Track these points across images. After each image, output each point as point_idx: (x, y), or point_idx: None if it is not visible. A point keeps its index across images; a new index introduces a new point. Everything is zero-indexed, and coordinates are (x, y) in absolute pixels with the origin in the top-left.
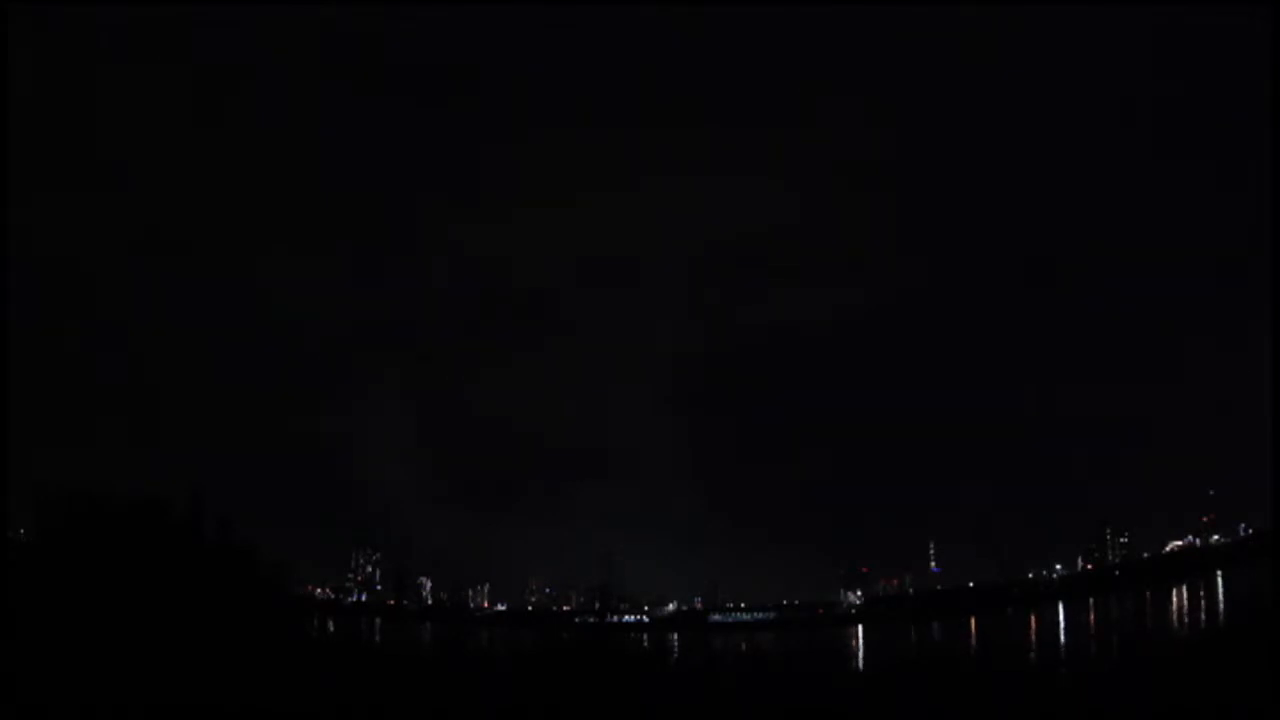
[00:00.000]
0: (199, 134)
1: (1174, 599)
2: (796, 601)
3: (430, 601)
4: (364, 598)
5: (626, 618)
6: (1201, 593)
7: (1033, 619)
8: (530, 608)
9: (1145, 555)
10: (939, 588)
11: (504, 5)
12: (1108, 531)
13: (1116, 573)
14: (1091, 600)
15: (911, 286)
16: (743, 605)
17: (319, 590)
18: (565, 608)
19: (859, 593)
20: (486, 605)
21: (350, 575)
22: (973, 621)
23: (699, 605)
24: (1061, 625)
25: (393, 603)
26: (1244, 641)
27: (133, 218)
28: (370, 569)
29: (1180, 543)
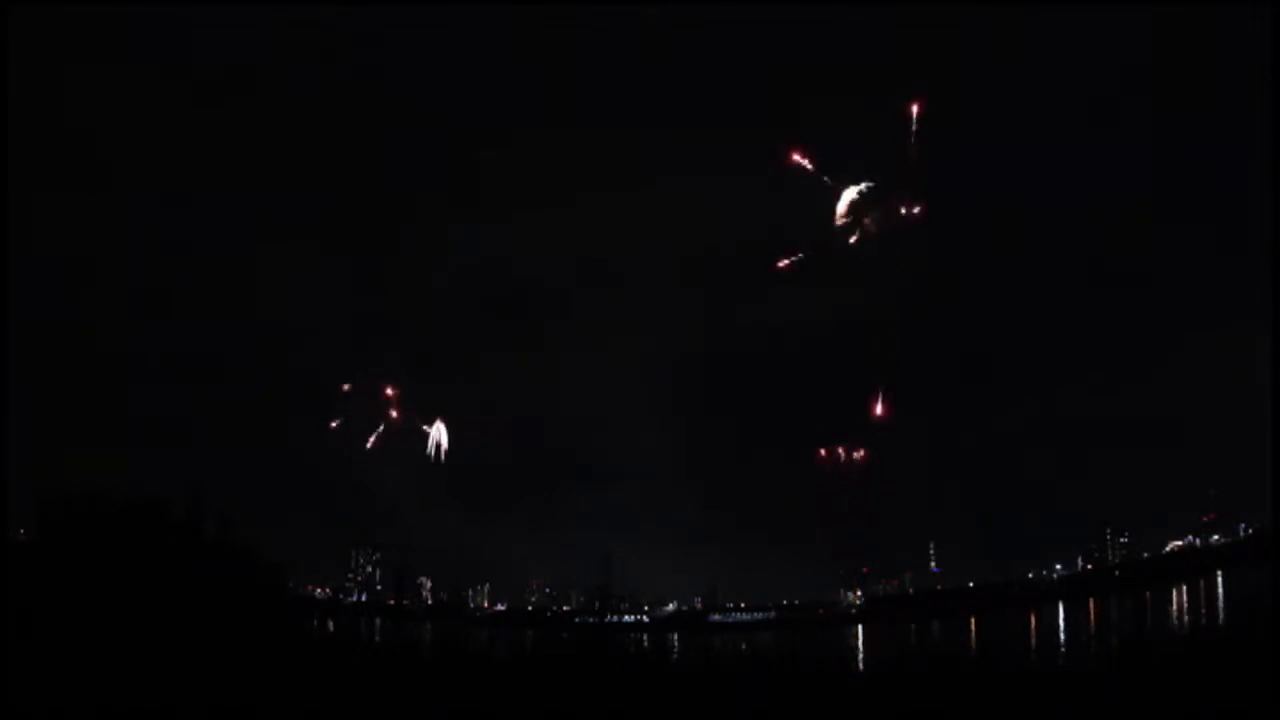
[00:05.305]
0: (197, 134)
1: (1174, 599)
2: (796, 601)
3: (430, 601)
4: (364, 598)
5: (626, 618)
6: (1202, 593)
7: (1033, 619)
8: (530, 608)
9: (1145, 555)
10: (939, 588)
11: (504, 5)
12: (1108, 531)
13: (1116, 573)
14: (1091, 600)
15: (911, 286)
16: (743, 605)
17: (319, 590)
18: (565, 608)
19: (859, 593)
20: (487, 605)
21: (350, 575)
22: (973, 621)
23: (699, 605)
24: (1061, 625)
25: (393, 602)
26: (1244, 642)
27: (132, 218)
28: (370, 569)
29: (1180, 543)
